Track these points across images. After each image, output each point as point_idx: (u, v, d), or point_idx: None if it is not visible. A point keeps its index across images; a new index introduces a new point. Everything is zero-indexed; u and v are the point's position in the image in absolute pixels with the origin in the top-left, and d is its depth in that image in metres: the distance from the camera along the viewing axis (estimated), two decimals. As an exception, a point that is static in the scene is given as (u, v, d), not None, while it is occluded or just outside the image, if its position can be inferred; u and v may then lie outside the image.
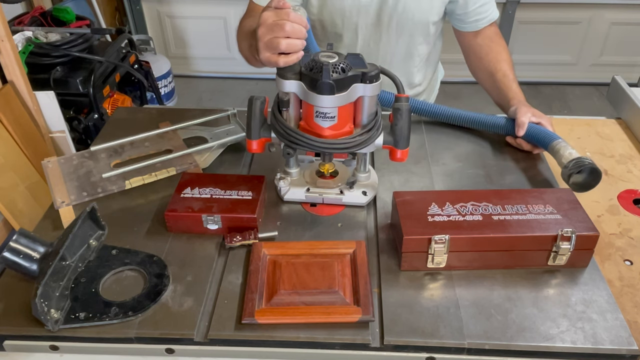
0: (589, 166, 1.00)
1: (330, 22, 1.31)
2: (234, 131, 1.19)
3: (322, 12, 1.30)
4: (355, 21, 1.29)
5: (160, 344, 0.80)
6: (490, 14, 1.32)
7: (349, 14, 1.28)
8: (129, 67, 2.51)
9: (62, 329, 0.79)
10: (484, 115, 1.22)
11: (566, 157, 1.03)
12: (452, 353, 0.78)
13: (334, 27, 1.31)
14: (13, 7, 2.49)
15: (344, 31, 1.31)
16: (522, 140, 1.16)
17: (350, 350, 0.79)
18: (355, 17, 1.28)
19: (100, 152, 1.13)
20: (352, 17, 1.28)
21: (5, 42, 1.71)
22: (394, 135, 0.95)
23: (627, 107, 1.36)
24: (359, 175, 1.03)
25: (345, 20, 1.29)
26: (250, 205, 0.95)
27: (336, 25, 1.30)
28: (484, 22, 1.32)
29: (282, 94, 0.91)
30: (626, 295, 0.90)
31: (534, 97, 3.35)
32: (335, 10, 1.28)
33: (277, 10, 0.85)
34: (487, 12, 1.31)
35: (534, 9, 3.23)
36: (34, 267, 0.82)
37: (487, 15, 1.31)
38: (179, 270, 0.88)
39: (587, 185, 1.03)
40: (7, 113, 1.72)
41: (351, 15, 1.28)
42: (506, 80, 1.27)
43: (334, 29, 1.32)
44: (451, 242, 0.85)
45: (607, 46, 3.36)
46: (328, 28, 1.32)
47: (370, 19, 1.29)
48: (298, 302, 0.81)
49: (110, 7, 3.36)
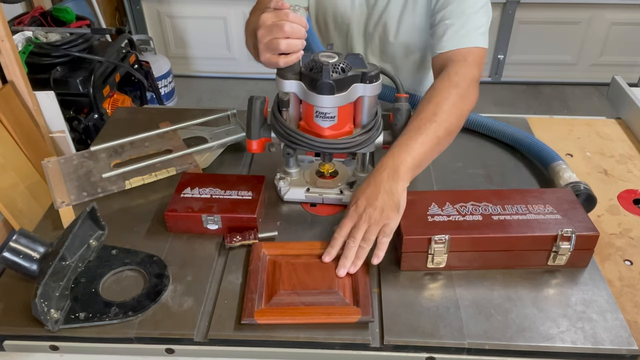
0: (584, 192, 1.00)
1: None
2: (234, 131, 1.19)
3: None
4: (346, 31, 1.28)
5: (160, 344, 0.80)
6: (448, 42, 1.06)
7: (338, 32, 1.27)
8: (129, 67, 2.51)
9: (62, 329, 0.79)
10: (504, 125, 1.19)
11: (564, 179, 1.03)
12: (452, 353, 0.78)
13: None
14: (13, 7, 2.50)
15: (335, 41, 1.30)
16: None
17: (350, 350, 0.79)
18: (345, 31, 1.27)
19: (100, 152, 1.13)
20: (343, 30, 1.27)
21: (5, 42, 1.71)
22: (394, 135, 0.95)
23: (627, 107, 1.36)
24: (359, 175, 1.03)
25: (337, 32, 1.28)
26: (250, 205, 0.95)
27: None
28: (438, 48, 1.08)
29: (282, 94, 0.91)
30: (626, 295, 0.90)
31: (534, 97, 3.35)
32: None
33: (276, 11, 0.85)
34: (444, 37, 1.06)
35: (534, 9, 3.23)
36: (34, 267, 0.82)
37: (443, 40, 1.06)
38: (179, 270, 0.88)
39: None
40: (7, 113, 1.72)
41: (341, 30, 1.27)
42: (409, 130, 0.94)
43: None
44: (451, 242, 0.85)
45: (607, 46, 3.36)
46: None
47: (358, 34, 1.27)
48: (298, 302, 0.81)
49: (110, 7, 3.36)
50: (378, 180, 0.88)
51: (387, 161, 0.90)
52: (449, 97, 0.96)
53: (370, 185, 0.88)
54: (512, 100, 3.30)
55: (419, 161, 0.91)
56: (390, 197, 0.87)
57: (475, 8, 1.06)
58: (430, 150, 0.93)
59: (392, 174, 0.88)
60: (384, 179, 0.88)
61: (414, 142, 0.91)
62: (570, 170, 1.05)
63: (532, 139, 1.14)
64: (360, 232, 0.86)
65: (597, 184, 1.14)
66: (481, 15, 1.07)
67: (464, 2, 1.06)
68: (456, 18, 1.06)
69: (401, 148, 0.91)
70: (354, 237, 0.86)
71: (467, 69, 1.01)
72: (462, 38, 1.05)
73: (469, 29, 1.05)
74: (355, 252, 0.86)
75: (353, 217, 0.88)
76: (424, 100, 0.97)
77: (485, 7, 1.08)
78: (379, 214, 0.86)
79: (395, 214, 0.86)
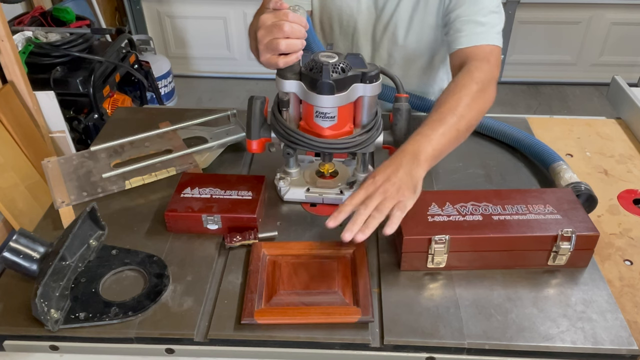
0: (585, 192, 1.00)
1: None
2: (234, 131, 1.19)
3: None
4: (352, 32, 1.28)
5: (160, 344, 0.80)
6: (467, 38, 1.06)
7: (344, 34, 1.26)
8: (129, 67, 2.51)
9: (62, 329, 0.79)
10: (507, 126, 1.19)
11: (565, 179, 1.03)
12: (452, 353, 0.78)
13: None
14: (13, 7, 2.49)
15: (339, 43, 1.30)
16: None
17: (350, 350, 0.79)
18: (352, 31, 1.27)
19: (100, 152, 1.13)
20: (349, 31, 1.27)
21: (5, 42, 1.71)
22: (394, 135, 0.95)
23: (627, 107, 1.36)
24: (359, 175, 1.03)
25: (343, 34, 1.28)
26: (250, 205, 0.95)
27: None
28: (457, 44, 1.08)
29: (282, 94, 0.91)
30: (626, 295, 0.90)
31: (534, 97, 3.35)
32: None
33: (276, 12, 0.85)
34: (462, 33, 1.07)
35: (534, 9, 3.23)
36: (34, 267, 0.82)
37: (462, 36, 1.07)
38: (179, 270, 0.88)
39: None
40: (7, 113, 1.72)
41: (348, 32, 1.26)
42: (430, 121, 0.93)
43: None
44: (451, 242, 0.85)
45: (607, 46, 3.36)
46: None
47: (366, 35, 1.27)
48: (297, 302, 0.81)
49: (110, 7, 3.36)
50: (398, 162, 0.86)
51: (408, 148, 0.88)
52: (470, 93, 0.95)
53: (390, 166, 0.86)
54: (512, 100, 3.30)
55: (438, 152, 0.90)
56: (410, 178, 0.85)
57: (491, 7, 1.07)
58: (449, 142, 0.92)
59: (413, 159, 0.87)
60: (404, 162, 0.86)
61: (435, 133, 0.90)
62: (571, 171, 1.05)
63: (533, 140, 1.14)
64: (373, 202, 0.82)
65: (597, 184, 1.14)
66: (496, 14, 1.08)
67: (479, 2, 1.07)
68: (473, 16, 1.07)
69: (422, 137, 0.89)
70: (366, 205, 0.82)
71: (488, 67, 1.02)
72: (480, 35, 1.06)
73: (487, 27, 1.06)
74: (365, 220, 0.81)
75: (368, 189, 0.84)
76: (446, 94, 0.96)
77: (499, 7, 1.09)
78: (395, 190, 0.83)
79: (412, 194, 0.84)
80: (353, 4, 1.21)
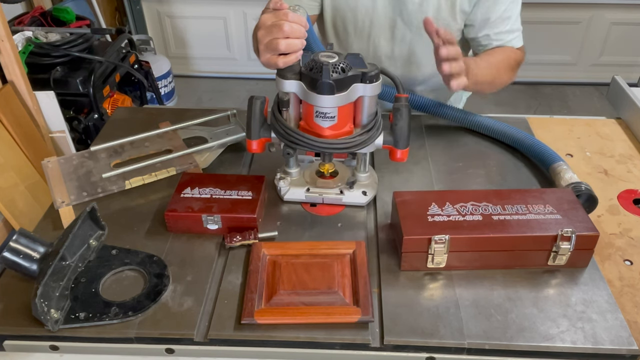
0: (586, 193, 0.99)
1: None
2: (234, 131, 1.19)
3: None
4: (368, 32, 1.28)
5: (160, 344, 0.80)
6: (505, 40, 1.26)
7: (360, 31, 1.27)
8: (129, 67, 2.51)
9: (62, 329, 0.79)
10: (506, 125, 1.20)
11: (565, 180, 1.03)
12: (452, 353, 0.78)
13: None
14: (13, 7, 2.49)
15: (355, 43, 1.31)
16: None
17: (350, 350, 0.79)
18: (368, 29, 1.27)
19: (100, 152, 1.13)
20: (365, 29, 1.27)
21: (5, 42, 1.71)
22: (394, 135, 0.95)
23: (627, 107, 1.36)
24: (359, 175, 1.03)
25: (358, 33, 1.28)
26: (250, 205, 0.95)
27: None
28: (494, 44, 1.26)
29: (282, 94, 0.91)
30: (626, 295, 0.90)
31: (534, 97, 3.35)
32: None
33: (276, 12, 0.85)
34: (500, 39, 1.25)
35: (534, 9, 3.23)
36: (34, 267, 0.82)
37: (502, 40, 1.26)
38: (179, 270, 0.88)
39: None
40: (7, 113, 1.72)
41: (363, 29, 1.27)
42: (478, 57, 1.23)
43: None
44: (451, 242, 0.85)
45: (607, 46, 3.36)
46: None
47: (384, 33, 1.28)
48: (297, 302, 0.81)
49: (110, 7, 3.36)
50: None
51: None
52: (505, 65, 1.22)
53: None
54: (512, 100, 3.29)
55: (480, 77, 1.11)
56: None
57: (516, 11, 1.29)
58: (486, 77, 1.15)
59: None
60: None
61: (483, 62, 1.16)
62: (571, 171, 1.05)
63: (533, 140, 1.14)
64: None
65: (597, 184, 1.14)
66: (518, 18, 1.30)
67: (501, 3, 1.24)
68: (500, 17, 1.25)
69: (471, 59, 1.11)
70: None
71: (521, 59, 1.29)
72: (511, 35, 1.28)
73: (514, 29, 1.29)
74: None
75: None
76: (487, 54, 1.23)
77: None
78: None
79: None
80: (369, 3, 1.21)
